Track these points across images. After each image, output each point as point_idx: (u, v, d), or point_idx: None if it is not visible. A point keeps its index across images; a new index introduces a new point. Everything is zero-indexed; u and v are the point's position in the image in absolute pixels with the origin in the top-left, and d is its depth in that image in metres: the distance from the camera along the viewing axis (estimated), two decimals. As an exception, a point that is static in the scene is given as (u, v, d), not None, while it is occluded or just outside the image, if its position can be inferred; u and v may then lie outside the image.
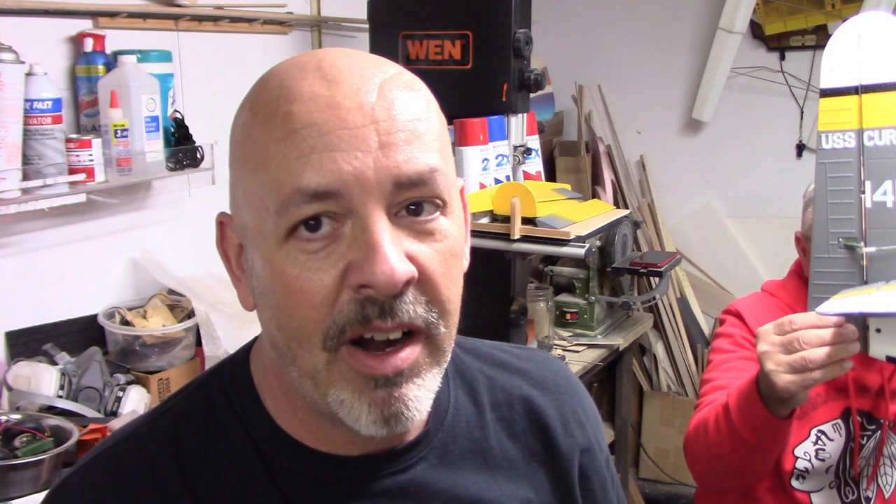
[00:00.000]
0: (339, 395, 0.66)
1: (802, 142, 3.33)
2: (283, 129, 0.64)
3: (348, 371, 0.66)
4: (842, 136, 1.30)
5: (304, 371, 0.67)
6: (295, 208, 0.63)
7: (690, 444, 1.55)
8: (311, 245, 0.64)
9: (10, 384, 1.79)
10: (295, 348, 0.66)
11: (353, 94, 0.64)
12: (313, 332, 0.65)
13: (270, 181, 0.64)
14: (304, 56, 0.70)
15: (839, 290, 1.28)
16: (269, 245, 0.65)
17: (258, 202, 0.65)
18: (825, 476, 1.64)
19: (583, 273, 2.58)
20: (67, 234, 2.03)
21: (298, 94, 0.64)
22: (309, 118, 0.63)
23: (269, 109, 0.65)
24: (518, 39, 2.26)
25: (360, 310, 0.64)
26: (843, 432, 1.63)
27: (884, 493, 1.66)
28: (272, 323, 0.67)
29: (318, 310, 0.64)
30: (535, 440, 0.85)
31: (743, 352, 1.67)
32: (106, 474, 0.74)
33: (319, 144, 0.63)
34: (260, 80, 0.70)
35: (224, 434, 0.74)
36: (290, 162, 0.63)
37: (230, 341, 2.07)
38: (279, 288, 0.65)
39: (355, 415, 0.66)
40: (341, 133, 0.63)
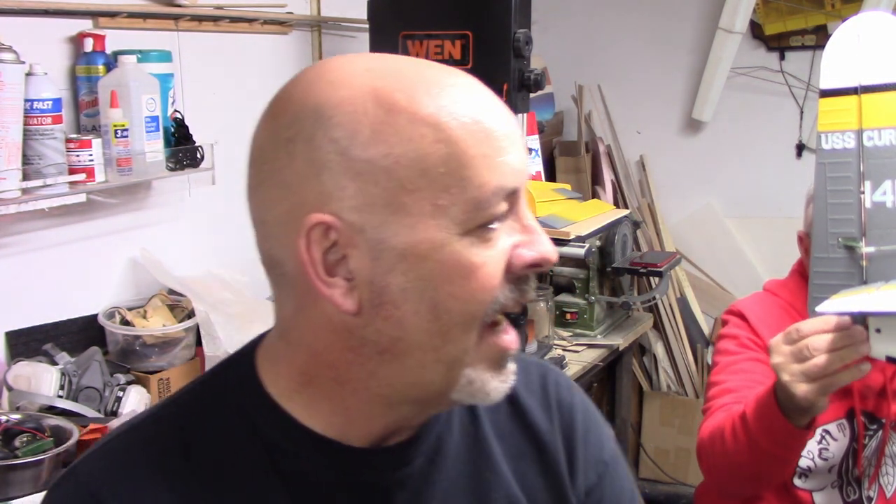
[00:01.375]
0: (472, 375, 0.74)
1: (802, 142, 3.33)
2: (481, 133, 0.70)
3: (489, 350, 0.74)
4: (841, 136, 1.30)
5: (448, 356, 0.72)
6: (497, 204, 0.71)
7: (706, 451, 1.54)
8: (491, 234, 0.71)
9: (10, 384, 1.79)
10: (455, 334, 0.72)
11: (504, 106, 0.74)
12: (479, 313, 0.72)
13: (469, 177, 0.69)
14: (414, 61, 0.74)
15: (839, 290, 1.28)
16: (442, 239, 0.70)
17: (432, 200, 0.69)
18: (828, 475, 1.64)
19: (583, 273, 2.58)
20: (67, 234, 2.03)
21: (476, 99, 0.72)
22: (495, 123, 0.71)
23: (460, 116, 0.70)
24: (518, 39, 2.26)
25: (517, 287, 0.73)
26: (847, 432, 1.63)
27: (885, 493, 1.66)
28: (423, 316, 0.71)
29: (493, 291, 0.72)
30: (523, 440, 0.88)
31: (749, 353, 1.67)
32: (116, 461, 0.76)
33: (507, 147, 0.71)
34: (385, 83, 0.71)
35: (227, 422, 0.77)
36: (490, 161, 0.70)
37: (230, 341, 2.07)
38: (460, 275, 0.70)
39: (486, 390, 0.75)
40: (514, 138, 0.73)
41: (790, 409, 1.35)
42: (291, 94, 0.73)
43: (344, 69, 0.72)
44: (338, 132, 0.69)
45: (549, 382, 0.92)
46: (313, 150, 0.69)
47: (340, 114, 0.69)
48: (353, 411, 0.76)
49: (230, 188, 2.52)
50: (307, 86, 0.72)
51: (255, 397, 0.78)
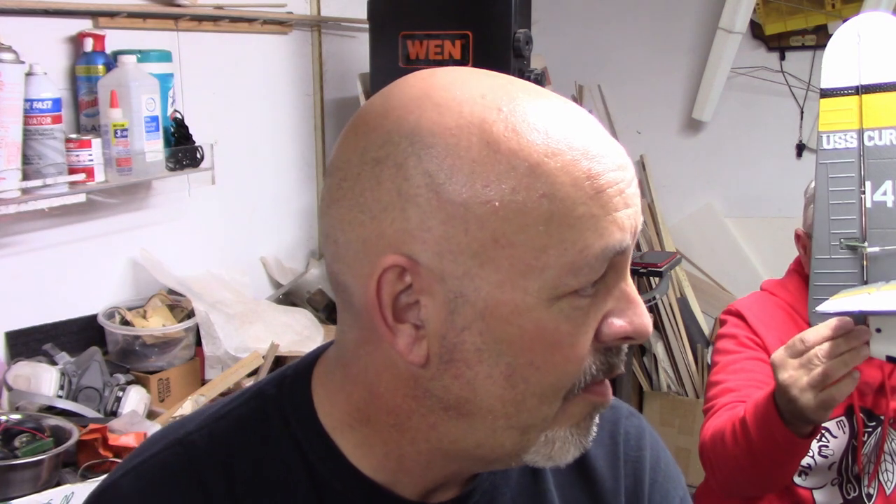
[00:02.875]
0: (553, 435, 0.67)
1: (802, 142, 3.33)
2: (590, 188, 0.61)
3: (578, 406, 0.67)
4: (842, 136, 1.30)
5: (522, 423, 0.66)
6: (598, 267, 0.62)
7: (707, 453, 1.54)
8: (583, 301, 0.63)
9: (10, 384, 1.79)
10: (532, 403, 0.65)
11: (618, 151, 0.64)
12: (565, 385, 0.65)
13: (572, 238, 0.61)
14: (534, 91, 0.65)
15: (840, 290, 1.28)
16: (529, 304, 0.62)
17: (525, 259, 0.62)
18: (827, 473, 1.64)
19: (583, 273, 2.58)
20: (67, 234, 2.03)
21: (590, 148, 0.63)
22: (612, 177, 0.63)
23: (573, 172, 0.62)
24: (518, 39, 2.26)
25: (606, 360, 0.66)
26: (846, 429, 1.63)
27: (885, 490, 1.67)
28: (497, 382, 0.64)
29: (581, 363, 0.65)
30: (582, 493, 0.83)
31: (749, 352, 1.67)
32: (156, 482, 0.71)
33: (620, 204, 0.63)
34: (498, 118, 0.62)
35: (277, 453, 0.72)
36: (598, 221, 0.62)
37: (230, 341, 2.07)
38: (543, 345, 0.63)
39: (565, 449, 0.68)
40: (629, 192, 0.64)
41: (793, 420, 1.34)
42: (389, 106, 0.64)
43: (455, 91, 0.63)
44: (434, 164, 0.61)
45: (618, 433, 0.86)
46: (403, 180, 0.61)
47: (441, 143, 0.61)
48: (408, 460, 0.70)
49: (230, 188, 2.53)
50: (410, 102, 0.64)
51: (308, 426, 0.72)
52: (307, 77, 2.74)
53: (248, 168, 2.47)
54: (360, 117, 0.66)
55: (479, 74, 0.66)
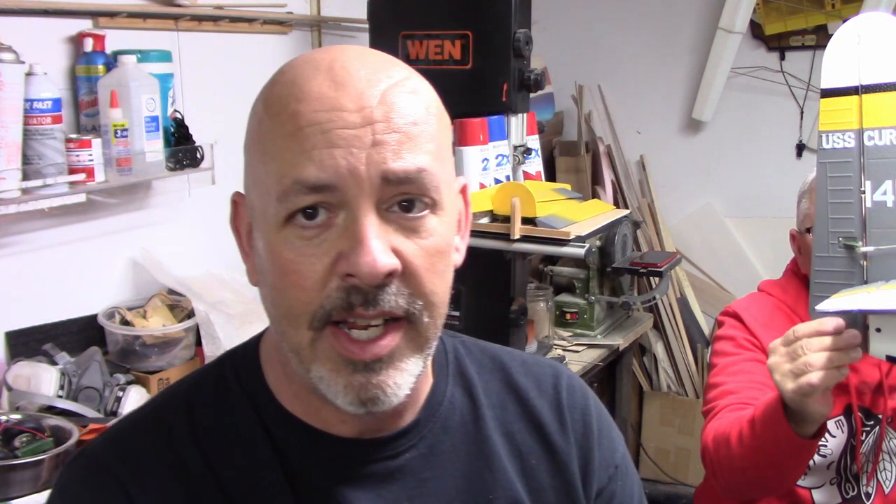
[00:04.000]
0: (319, 372, 0.72)
1: (802, 142, 3.33)
2: (290, 126, 0.69)
3: (329, 350, 0.71)
4: (842, 136, 1.30)
5: (292, 346, 0.73)
6: (294, 198, 0.69)
7: (710, 455, 1.54)
8: (307, 232, 0.69)
9: (10, 384, 1.79)
10: (285, 325, 0.72)
11: (356, 98, 0.70)
12: (301, 313, 0.70)
13: (275, 171, 0.70)
14: (320, 53, 0.74)
15: (839, 289, 1.28)
16: (269, 228, 0.71)
17: (263, 188, 0.71)
18: (826, 472, 1.64)
19: (583, 273, 2.58)
20: (67, 234, 2.03)
21: (307, 93, 0.70)
22: (313, 117, 0.69)
23: (279, 105, 0.71)
24: (518, 39, 2.26)
25: (346, 297, 0.69)
26: (844, 429, 1.63)
27: (883, 489, 1.67)
28: (268, 300, 0.74)
29: (308, 292, 0.70)
30: (531, 439, 0.87)
31: (747, 353, 1.67)
32: (127, 435, 0.80)
33: (321, 142, 0.68)
34: (276, 73, 0.75)
35: (232, 406, 0.80)
36: (293, 156, 0.69)
37: (230, 341, 2.07)
38: (276, 269, 0.71)
39: (333, 392, 0.72)
40: (340, 132, 0.68)
41: (794, 417, 1.35)
42: None
43: (299, 56, 0.76)
44: (250, 114, 0.76)
45: (561, 384, 0.92)
46: None
47: (256, 98, 0.76)
48: (303, 398, 0.78)
49: (230, 188, 2.52)
50: None
51: (254, 379, 0.81)
52: (307, 77, 2.74)
53: (248, 168, 2.46)
54: None
55: (337, 46, 0.76)
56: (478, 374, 0.88)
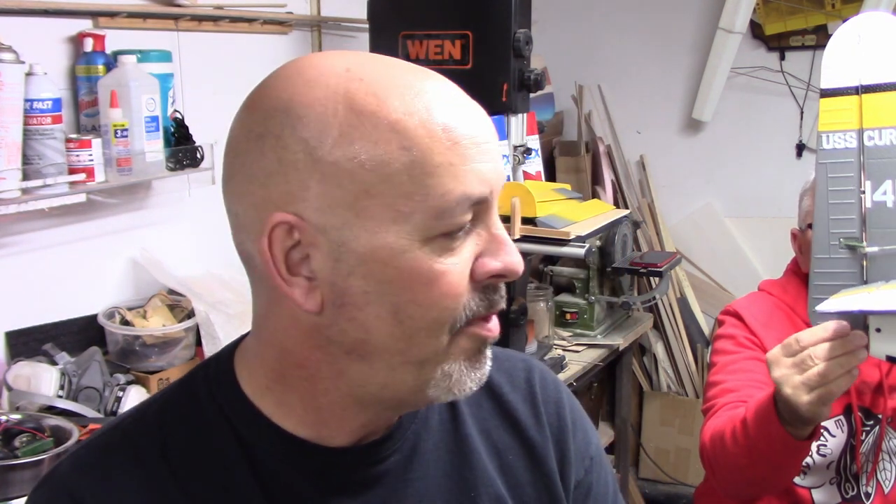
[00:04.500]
0: (448, 369, 0.73)
1: (802, 142, 3.33)
2: (446, 139, 0.69)
3: (467, 340, 0.74)
4: (842, 136, 1.30)
5: (415, 357, 0.72)
6: (461, 214, 0.70)
7: (707, 453, 1.54)
8: (454, 243, 0.71)
9: (10, 384, 1.79)
10: (420, 338, 0.72)
11: (476, 110, 0.73)
12: (446, 319, 0.72)
13: (432, 185, 0.69)
14: (395, 63, 0.73)
15: (839, 289, 1.28)
16: (402, 245, 0.69)
17: (393, 206, 0.69)
18: (826, 472, 1.64)
19: (583, 273, 2.58)
20: (67, 234, 2.03)
21: (446, 106, 0.71)
22: (466, 131, 0.70)
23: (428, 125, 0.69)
24: (518, 39, 2.26)
25: (486, 296, 0.74)
26: (844, 428, 1.63)
27: (883, 489, 1.67)
28: (385, 320, 0.71)
29: (458, 299, 0.72)
30: (508, 435, 0.88)
31: (747, 352, 1.67)
32: (94, 461, 0.77)
33: (477, 155, 0.70)
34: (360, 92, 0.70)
35: (205, 422, 0.78)
36: (456, 169, 0.69)
37: (230, 341, 2.06)
38: (421, 283, 0.70)
39: (462, 381, 0.74)
40: (486, 147, 0.71)
41: (791, 421, 1.34)
42: (268, 88, 0.73)
43: (322, 67, 0.72)
44: (307, 132, 0.69)
45: (534, 378, 0.93)
46: (282, 149, 0.69)
47: (311, 114, 0.69)
48: (325, 411, 0.76)
49: (230, 188, 2.52)
50: (283, 81, 0.72)
51: (231, 395, 0.79)
52: (307, 77, 2.74)
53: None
54: (246, 100, 0.75)
55: (344, 53, 0.74)
56: None
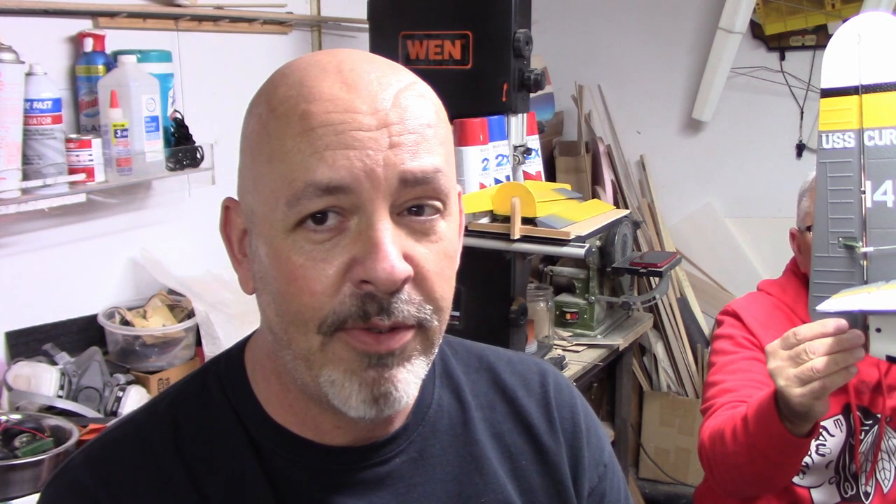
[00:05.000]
0: (331, 376, 0.70)
1: (802, 142, 3.33)
2: (300, 126, 0.67)
3: (343, 349, 0.69)
4: (842, 135, 1.30)
5: (299, 353, 0.70)
6: (307, 201, 0.66)
7: (707, 452, 1.55)
8: (318, 236, 0.67)
9: (10, 384, 1.79)
10: (292, 332, 0.69)
11: (369, 100, 0.68)
12: (311, 318, 0.68)
13: (284, 173, 0.67)
14: (325, 56, 0.72)
15: (839, 289, 1.28)
16: (275, 233, 0.68)
17: (268, 192, 0.68)
18: (825, 471, 1.65)
19: (583, 273, 2.58)
20: (67, 234, 2.03)
21: (318, 94, 0.68)
22: (326, 118, 0.67)
23: (288, 106, 0.68)
24: (518, 39, 2.26)
25: (361, 305, 0.68)
26: (843, 428, 1.64)
27: (882, 488, 1.67)
28: (271, 307, 0.71)
29: (319, 298, 0.68)
30: (521, 439, 0.87)
31: (746, 352, 1.67)
32: (106, 454, 0.77)
33: (334, 142, 0.66)
34: (278, 74, 0.73)
35: (217, 418, 0.78)
36: (304, 157, 0.66)
37: (230, 341, 2.06)
38: (282, 274, 0.68)
39: (345, 395, 0.69)
40: (356, 134, 0.67)
41: (791, 416, 1.35)
42: None
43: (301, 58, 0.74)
44: (244, 128, 0.74)
45: (548, 383, 0.91)
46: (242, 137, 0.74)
47: (254, 98, 0.73)
48: (298, 408, 0.76)
49: (230, 188, 2.52)
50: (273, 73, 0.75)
51: (240, 392, 0.79)
52: (307, 77, 2.74)
53: (248, 168, 2.46)
54: None
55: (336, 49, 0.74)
56: (465, 375, 0.88)
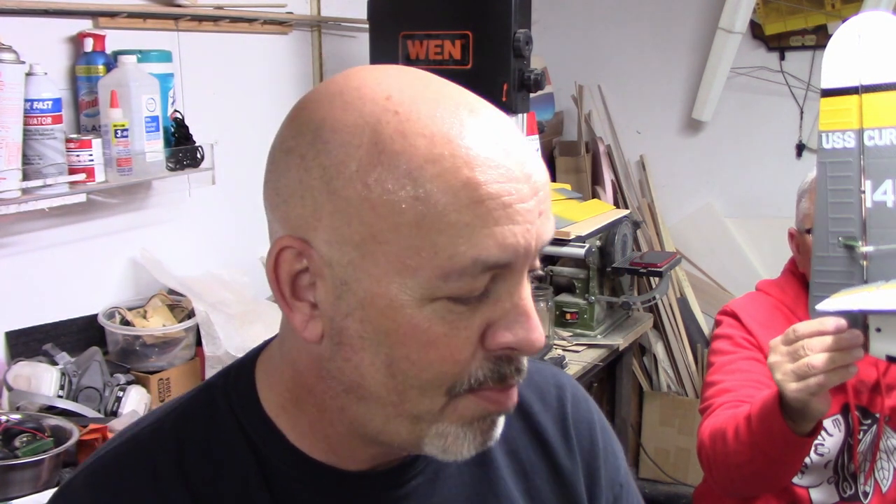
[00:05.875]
0: (443, 430, 0.68)
1: (802, 142, 3.33)
2: (465, 196, 0.62)
3: (469, 408, 0.68)
4: (842, 135, 1.30)
5: (409, 413, 0.68)
6: (470, 278, 0.63)
7: (706, 451, 1.55)
8: (460, 307, 0.65)
9: (10, 384, 1.79)
10: (412, 394, 0.67)
11: (521, 165, 0.64)
12: (443, 382, 0.66)
13: (442, 244, 0.62)
14: (444, 96, 0.66)
15: (839, 289, 1.28)
16: (407, 300, 0.64)
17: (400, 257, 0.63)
18: (823, 471, 1.65)
19: (583, 273, 2.58)
20: (67, 234, 2.03)
21: (481, 159, 0.62)
22: (494, 189, 0.62)
23: (442, 168, 0.62)
24: (518, 39, 2.26)
25: (496, 368, 0.67)
26: (842, 427, 1.64)
27: (881, 488, 1.67)
28: (379, 369, 0.67)
29: (459, 365, 0.66)
30: (536, 457, 0.85)
31: (744, 352, 1.67)
32: (108, 475, 0.75)
33: (503, 218, 0.62)
34: (392, 116, 0.64)
35: (224, 437, 0.75)
36: (472, 231, 0.62)
37: (230, 341, 2.07)
38: (415, 342, 0.65)
39: (457, 445, 0.69)
40: (519, 207, 0.63)
41: (793, 414, 1.35)
42: (310, 101, 0.68)
43: (365, 90, 0.66)
44: (328, 159, 0.64)
45: (565, 397, 0.89)
46: (304, 170, 0.65)
47: (337, 140, 0.64)
48: (333, 440, 0.74)
49: (230, 188, 2.53)
50: (324, 97, 0.67)
51: (250, 411, 0.76)
52: (307, 77, 2.74)
53: (248, 168, 2.46)
54: (293, 108, 0.70)
55: (401, 74, 0.68)
56: None
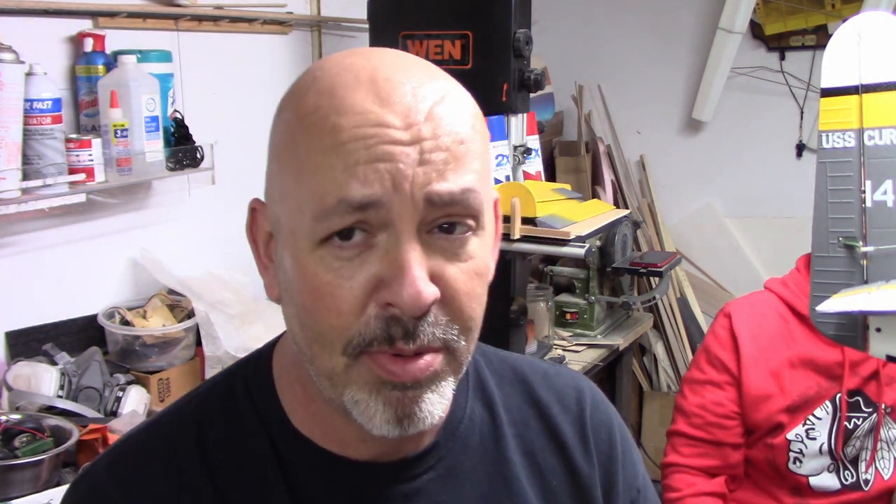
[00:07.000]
0: (354, 395, 0.68)
1: (802, 142, 3.33)
2: (330, 140, 0.64)
3: (368, 374, 0.67)
4: (842, 135, 1.30)
5: (322, 371, 0.68)
6: (337, 218, 0.64)
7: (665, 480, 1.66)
8: (345, 252, 0.65)
9: (10, 384, 1.79)
10: (316, 349, 0.67)
11: (402, 115, 0.65)
12: (336, 338, 0.66)
13: (312, 188, 0.64)
14: (359, 59, 0.68)
15: (839, 289, 1.28)
16: (301, 246, 0.66)
17: (295, 204, 0.66)
18: (820, 457, 1.67)
19: (583, 273, 2.58)
20: (67, 234, 2.03)
21: (350, 107, 0.65)
22: (358, 132, 0.64)
23: (317, 117, 0.65)
24: (518, 39, 2.26)
25: (385, 328, 0.65)
26: (830, 410, 1.67)
27: (882, 476, 1.70)
28: (295, 320, 0.69)
29: (345, 317, 0.65)
30: (554, 459, 0.84)
31: (712, 373, 1.76)
32: (130, 459, 0.76)
33: (364, 157, 0.63)
34: (308, 77, 0.69)
35: (242, 425, 0.77)
36: (335, 173, 0.63)
37: (230, 341, 2.07)
38: (307, 290, 0.66)
39: (369, 413, 0.67)
40: (386, 147, 0.64)
41: None
42: None
43: (334, 58, 0.70)
44: (276, 119, 0.71)
45: (584, 401, 0.88)
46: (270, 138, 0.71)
47: (284, 101, 0.70)
48: (323, 419, 0.74)
49: (230, 188, 2.52)
50: None
51: (266, 401, 0.77)
52: (307, 77, 2.74)
53: (248, 168, 2.45)
54: None
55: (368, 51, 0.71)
56: (498, 387, 0.85)
